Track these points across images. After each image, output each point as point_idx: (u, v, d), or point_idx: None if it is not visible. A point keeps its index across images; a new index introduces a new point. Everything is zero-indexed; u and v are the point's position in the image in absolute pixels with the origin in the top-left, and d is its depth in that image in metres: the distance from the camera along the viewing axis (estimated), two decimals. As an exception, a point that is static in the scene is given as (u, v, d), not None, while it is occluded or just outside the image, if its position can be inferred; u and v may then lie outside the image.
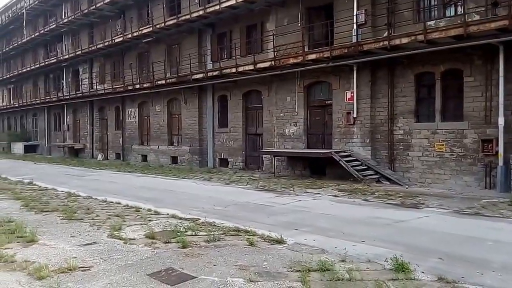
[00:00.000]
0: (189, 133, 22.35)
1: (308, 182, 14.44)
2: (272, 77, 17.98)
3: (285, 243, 6.81)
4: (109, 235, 7.61)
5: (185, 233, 7.52)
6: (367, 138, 14.78)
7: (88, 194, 12.65)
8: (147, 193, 12.89)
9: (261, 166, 19.10)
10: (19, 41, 38.35)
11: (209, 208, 10.14)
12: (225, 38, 20.79)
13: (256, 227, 7.82)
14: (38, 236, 7.54)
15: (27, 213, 9.93)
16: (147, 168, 21.36)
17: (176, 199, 11.61)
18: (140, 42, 24.83)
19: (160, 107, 24.26)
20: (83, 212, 9.86)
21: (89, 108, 30.78)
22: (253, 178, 16.17)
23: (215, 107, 21.15)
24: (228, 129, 20.46)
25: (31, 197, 12.21)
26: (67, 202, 11.31)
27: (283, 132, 17.54)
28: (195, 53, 21.45)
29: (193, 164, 21.74)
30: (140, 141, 26.21)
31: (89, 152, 30.84)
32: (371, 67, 14.70)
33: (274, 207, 10.09)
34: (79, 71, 32.04)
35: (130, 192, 13.08)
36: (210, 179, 16.30)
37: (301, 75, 16.75)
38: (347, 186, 13.22)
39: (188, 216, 9.12)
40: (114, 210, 10.01)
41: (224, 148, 20.72)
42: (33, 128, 40.27)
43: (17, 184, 15.42)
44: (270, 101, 18.44)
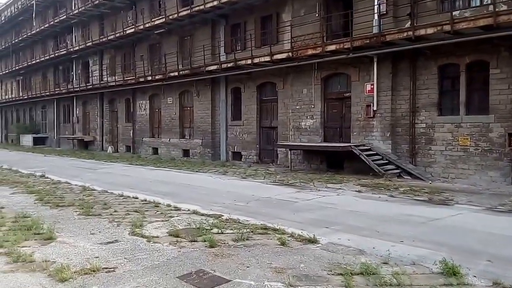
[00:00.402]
0: (201, 126, 21.99)
1: (327, 177, 14.05)
2: (288, 69, 17.54)
3: (318, 242, 6.45)
4: (131, 232, 7.29)
5: (211, 231, 7.18)
6: (387, 131, 14.33)
7: (103, 188, 12.36)
8: (164, 187, 12.57)
9: (275, 160, 18.73)
10: (28, 32, 38.08)
11: (230, 203, 9.80)
12: (239, 30, 20.34)
13: (284, 224, 7.47)
14: (56, 233, 7.25)
15: (42, 208, 9.64)
16: (159, 161, 21.06)
17: (195, 194, 11.28)
18: (151, 34, 24.44)
19: (172, 99, 23.90)
20: (100, 207, 9.55)
21: (99, 100, 30.50)
22: (269, 172, 15.80)
23: (228, 100, 20.76)
24: (241, 122, 20.08)
25: (45, 191, 11.94)
26: (83, 196, 11.02)
27: (299, 125, 17.12)
28: (208, 45, 21.02)
29: (205, 158, 21.41)
30: (151, 133, 25.91)
31: (99, 145, 30.62)
32: (393, 59, 14.21)
33: (297, 203, 9.72)
34: (89, 63, 31.73)
35: (145, 186, 12.76)
36: (225, 173, 15.95)
37: (319, 67, 16.29)
38: (369, 181, 12.82)
39: (210, 212, 8.78)
40: (132, 205, 9.69)
41: (237, 141, 20.35)
42: (42, 120, 40.13)
43: (29, 177, 15.17)
44: (285, 93, 18.01)
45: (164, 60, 22.76)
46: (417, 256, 5.72)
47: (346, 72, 15.64)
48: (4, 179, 14.69)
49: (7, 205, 9.92)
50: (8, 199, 10.77)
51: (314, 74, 16.46)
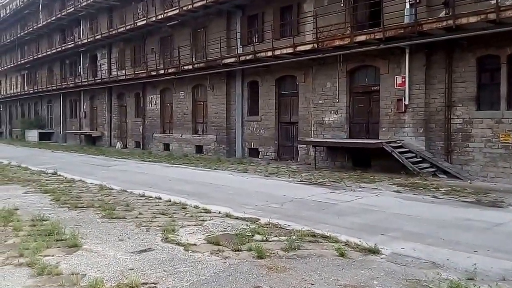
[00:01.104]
0: (215, 121, 21.20)
1: (356, 175, 13.25)
2: (310, 61, 16.71)
3: (380, 253, 5.66)
4: (163, 238, 6.54)
5: (253, 238, 6.43)
6: (420, 127, 13.51)
7: (121, 186, 11.60)
8: (185, 186, 11.80)
9: (295, 157, 17.95)
10: (34, 25, 37.28)
11: (263, 205, 9.03)
12: (256, 21, 19.49)
13: (332, 230, 6.70)
14: (81, 239, 6.51)
15: (60, 210, 8.90)
16: (172, 158, 20.28)
17: (221, 194, 10.50)
18: (163, 26, 23.62)
19: (184, 93, 23.11)
20: (122, 208, 8.80)
21: (108, 94, 29.74)
22: (292, 170, 15.01)
23: (245, 94, 19.95)
24: (258, 117, 19.27)
25: (59, 190, 11.18)
26: (101, 196, 10.27)
27: (322, 120, 16.31)
28: (224, 37, 20.20)
29: (220, 154, 20.63)
30: (161, 129, 25.14)
31: (107, 140, 29.89)
32: (426, 50, 13.36)
33: (337, 205, 8.93)
34: (97, 56, 30.94)
35: (166, 185, 12.00)
36: (245, 170, 15.17)
37: (344, 59, 15.46)
38: (403, 180, 12.02)
39: (244, 215, 8.01)
40: (157, 207, 8.94)
41: (254, 137, 19.56)
42: (47, 115, 39.41)
43: (40, 175, 14.42)
44: (307, 87, 17.19)
45: (177, 53, 21.97)
46: (504, 270, 4.95)
47: (374, 65, 14.80)
48: (14, 176, 13.96)
49: (21, 206, 9.19)
50: (21, 199, 10.04)
51: (339, 66, 15.63)
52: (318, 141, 15.61)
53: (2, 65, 48.78)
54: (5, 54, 48.68)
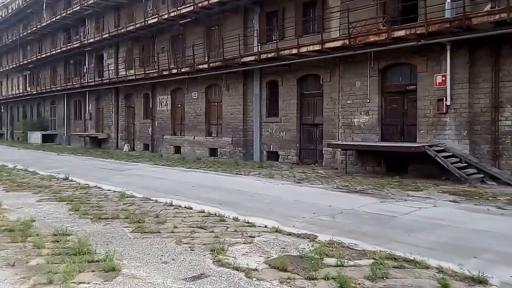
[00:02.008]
0: (231, 123, 20.18)
1: (395, 182, 12.21)
2: (336, 59, 15.74)
3: (489, 283, 4.66)
4: (215, 260, 5.53)
5: (322, 261, 5.41)
6: (463, 129, 12.51)
7: (142, 194, 10.58)
8: (213, 193, 10.76)
9: (318, 161, 16.94)
10: (37, 25, 36.22)
11: (311, 218, 8.00)
12: (276, 18, 18.49)
13: (411, 251, 5.67)
14: (117, 260, 5.51)
15: (82, 221, 7.87)
16: (186, 161, 19.23)
17: (257, 204, 9.47)
18: (175, 24, 22.62)
19: (197, 94, 22.08)
20: (152, 220, 7.79)
21: (114, 95, 28.68)
22: (322, 176, 14.00)
23: (263, 94, 18.93)
24: (278, 118, 18.25)
25: (76, 197, 10.16)
26: (124, 205, 9.26)
27: (351, 122, 15.30)
28: (240, 35, 19.17)
29: (236, 157, 19.60)
30: (172, 131, 24.09)
31: (114, 143, 28.82)
32: (470, 46, 12.37)
33: (397, 219, 7.90)
34: (104, 56, 29.90)
35: (191, 192, 10.97)
36: (270, 175, 14.13)
37: (375, 57, 14.47)
38: (452, 188, 11.00)
39: (296, 230, 7.00)
40: (191, 219, 7.91)
41: (273, 139, 18.54)
42: (50, 117, 38.32)
43: (51, 180, 13.37)
44: (332, 86, 16.18)
45: (189, 52, 21.09)
46: None
47: (410, 62, 13.80)
48: (23, 182, 12.92)
49: (37, 217, 8.17)
50: (36, 209, 9.01)
51: (370, 64, 14.64)
52: (351, 144, 14.53)
53: (4, 65, 47.68)
54: (7, 54, 47.59)
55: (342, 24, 14.90)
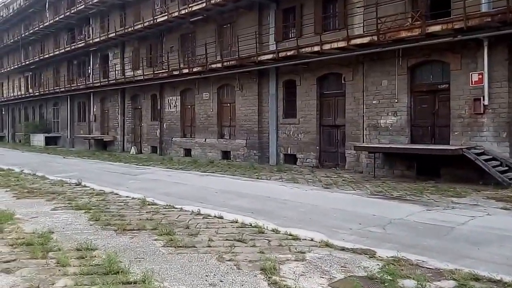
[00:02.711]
0: (245, 125, 19.41)
1: (431, 187, 11.47)
2: (360, 57, 15.02)
3: None
4: (271, 283, 4.87)
5: (397, 283, 4.67)
6: (503, 131, 11.77)
7: (165, 201, 9.85)
8: (240, 200, 10.01)
9: (340, 164, 16.20)
10: (40, 25, 35.42)
11: (358, 229, 7.27)
12: (293, 14, 17.76)
13: (492, 270, 4.96)
14: (157, 282, 4.77)
15: (105, 233, 7.13)
16: (199, 165, 18.44)
17: (293, 212, 8.70)
18: (185, 22, 21.86)
19: (208, 94, 21.31)
20: (183, 232, 7.06)
21: (120, 96, 27.89)
22: (349, 180, 13.23)
23: (280, 94, 18.17)
24: (296, 119, 17.49)
25: (93, 205, 9.40)
26: (148, 214, 8.51)
27: (377, 123, 14.55)
28: (254, 33, 18.44)
29: (251, 160, 18.83)
30: (182, 133, 23.31)
31: (120, 145, 28.01)
32: (509, 42, 11.63)
33: (456, 230, 7.14)
34: (109, 56, 29.13)
35: (216, 199, 10.21)
36: (294, 180, 13.36)
37: (404, 54, 13.72)
38: (494, 193, 10.28)
39: (348, 244, 6.29)
40: (226, 230, 7.18)
41: (291, 142, 17.77)
42: (53, 119, 37.48)
43: (63, 186, 12.59)
44: (356, 85, 15.44)
45: (199, 51, 20.49)
46: None
47: (443, 59, 13.05)
48: (34, 188, 12.13)
49: (55, 228, 7.42)
50: (52, 219, 8.25)
51: (398, 62, 13.88)
52: (382, 147, 13.66)
53: (5, 66, 46.84)
54: (8, 55, 46.77)
55: (367, 20, 14.16)
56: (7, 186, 12.68)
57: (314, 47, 14.92)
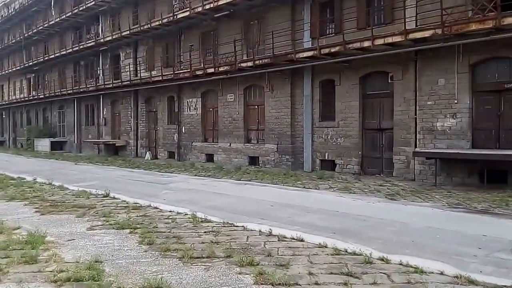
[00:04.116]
0: (276, 128, 18.01)
1: (509, 197, 10.11)
2: (411, 54, 13.69)
3: None
4: None
5: None
6: None
7: (218, 216, 8.44)
8: (308, 217, 8.56)
9: (385, 171, 14.84)
10: (45, 23, 33.95)
11: (484, 255, 5.91)
12: (331, 9, 16.45)
13: None
14: None
15: (169, 263, 5.78)
16: (228, 172, 17.01)
17: (383, 233, 7.26)
18: (206, 19, 20.52)
19: (234, 96, 19.90)
20: (268, 261, 5.72)
21: (133, 99, 26.44)
22: (409, 189, 11.87)
23: (316, 95, 16.79)
24: (335, 122, 16.11)
25: (137, 223, 7.97)
26: (208, 235, 7.11)
27: (432, 126, 13.19)
28: (286, 29, 17.14)
29: (282, 166, 17.44)
30: (203, 137, 21.88)
31: (133, 150, 26.53)
32: None
33: None
34: (120, 56, 27.70)
35: (277, 214, 8.79)
36: (348, 190, 11.96)
37: (465, 50, 12.39)
38: None
39: (495, 280, 4.87)
40: (320, 258, 5.81)
41: (328, 146, 16.38)
42: (59, 123, 35.95)
43: (88, 198, 11.13)
44: (406, 85, 14.09)
45: (224, 49, 19.25)
46: None
47: (510, 56, 11.72)
48: (56, 201, 10.66)
49: (102, 255, 6.02)
50: (93, 242, 6.82)
51: (458, 59, 12.54)
52: (451, 152, 12.09)
53: (5, 68, 45.27)
54: (8, 56, 45.19)
55: (422, 13, 12.82)
56: (25, 198, 11.22)
57: (364, 43, 13.58)
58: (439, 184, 12.51)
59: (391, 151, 14.59)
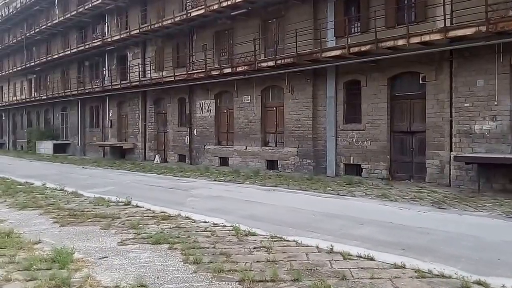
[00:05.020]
0: (296, 131, 17.25)
1: None
2: (445, 54, 12.98)
3: None
4: None
5: None
6: None
7: (256, 227, 7.74)
8: (363, 229, 7.73)
9: (415, 176, 14.11)
10: (48, 23, 33.09)
11: None
12: (357, 6, 15.75)
13: None
14: None
15: (225, 287, 4.95)
16: (247, 176, 16.19)
17: (461, 249, 6.43)
18: (221, 18, 19.77)
19: (250, 97, 19.12)
20: (343, 285, 5.00)
21: (141, 100, 25.60)
22: (452, 196, 11.13)
23: (339, 97, 16.05)
24: (361, 125, 15.37)
25: (173, 237, 7.17)
26: (260, 252, 6.34)
27: (470, 129, 12.47)
28: (308, 28, 16.42)
29: (303, 171, 16.68)
30: (216, 140, 21.08)
31: (141, 153, 25.67)
32: None
33: None
34: (127, 56, 26.86)
35: (326, 226, 8.00)
36: (386, 197, 11.19)
37: (506, 49, 11.68)
38: None
39: None
40: (402, 282, 5.12)
41: (353, 150, 15.63)
42: (62, 125, 35.04)
43: (109, 206, 10.30)
44: (440, 86, 13.37)
45: (240, 49, 18.51)
46: None
47: (562, 54, 11.04)
48: (74, 210, 9.82)
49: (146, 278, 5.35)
50: (130, 260, 6.03)
51: (499, 58, 11.83)
52: (495, 157, 11.23)
53: (5, 68, 44.29)
54: (8, 56, 44.24)
55: (461, 10, 12.10)
56: (38, 206, 10.40)
57: (398, 41, 12.83)
58: (482, 190, 11.76)
59: (423, 155, 13.86)
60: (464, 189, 12.31)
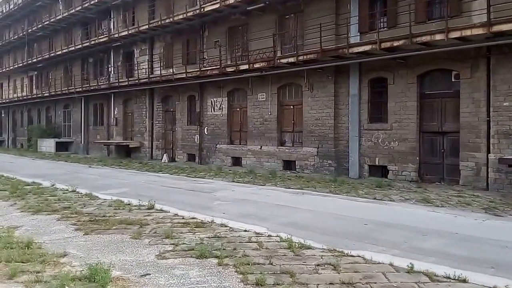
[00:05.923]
0: (316, 130, 16.54)
1: None
2: (481, 50, 12.32)
3: None
4: None
5: None
6: None
7: (314, 240, 6.94)
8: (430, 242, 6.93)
9: (446, 178, 13.45)
10: (51, 18, 32.17)
11: None
12: (383, 1, 15.05)
13: None
14: None
15: None
16: (265, 178, 15.44)
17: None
18: (235, 13, 19.02)
19: (265, 95, 18.39)
20: None
21: (148, 98, 24.80)
22: (496, 201, 10.50)
23: (363, 95, 15.35)
24: (388, 124, 14.68)
25: (217, 249, 6.44)
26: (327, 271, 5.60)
27: (510, 129, 11.82)
28: (329, 23, 15.72)
29: (324, 172, 15.99)
30: (228, 139, 20.33)
31: (147, 152, 24.88)
32: None
33: None
34: (134, 53, 26.04)
35: (385, 237, 7.27)
36: (428, 201, 10.49)
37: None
38: None
39: None
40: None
41: (379, 151, 14.94)
42: (64, 122, 34.15)
43: (131, 211, 9.56)
44: (475, 84, 12.71)
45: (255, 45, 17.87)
46: None
47: None
48: (94, 214, 9.08)
49: None
50: (178, 279, 5.35)
51: (544, 55, 11.18)
52: None
53: (5, 65, 43.28)
54: (9, 53, 43.24)
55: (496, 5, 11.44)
56: (53, 210, 9.65)
57: (436, 36, 12.11)
58: (520, 194, 11.13)
59: (455, 156, 13.20)
60: (505, 193, 11.65)
